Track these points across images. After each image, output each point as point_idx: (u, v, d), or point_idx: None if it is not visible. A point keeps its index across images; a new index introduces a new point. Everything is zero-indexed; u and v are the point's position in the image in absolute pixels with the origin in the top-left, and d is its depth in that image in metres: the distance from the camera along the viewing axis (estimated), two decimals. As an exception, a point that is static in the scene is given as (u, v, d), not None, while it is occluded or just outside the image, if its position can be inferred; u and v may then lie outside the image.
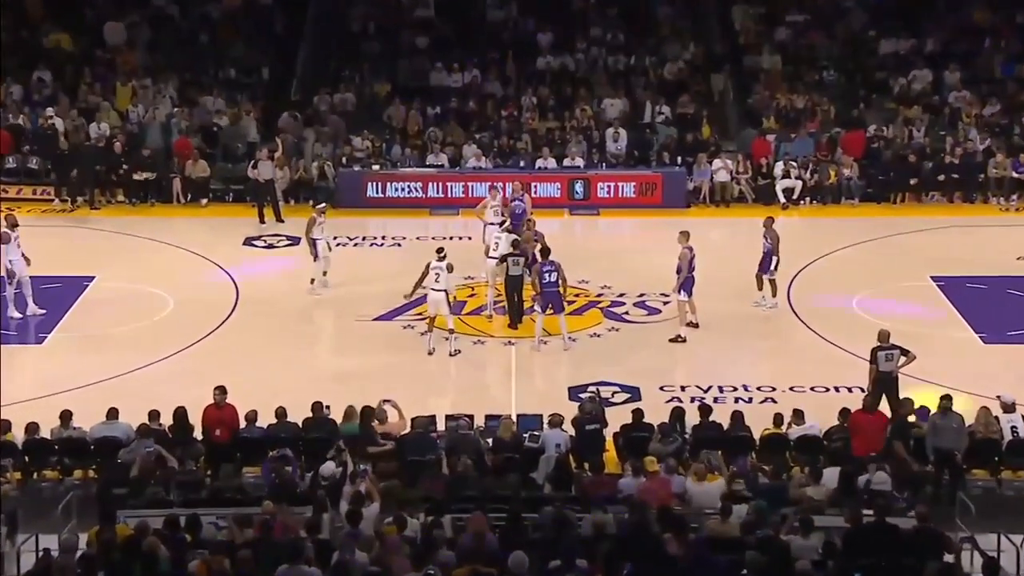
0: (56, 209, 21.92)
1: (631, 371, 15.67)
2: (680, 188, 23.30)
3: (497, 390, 15.22)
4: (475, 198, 22.61)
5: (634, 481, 11.57)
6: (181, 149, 23.12)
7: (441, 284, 16.11)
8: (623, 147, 24.39)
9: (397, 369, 15.90)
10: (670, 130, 24.71)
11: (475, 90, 26.06)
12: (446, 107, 25.39)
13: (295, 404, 13.17)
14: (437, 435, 12.84)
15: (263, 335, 16.82)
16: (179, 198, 22.64)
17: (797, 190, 23.42)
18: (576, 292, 18.32)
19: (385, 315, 17.44)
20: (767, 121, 25.03)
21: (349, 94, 25.51)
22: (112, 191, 22.48)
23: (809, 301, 18.16)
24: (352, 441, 12.60)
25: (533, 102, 25.44)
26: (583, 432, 12.84)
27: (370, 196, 22.78)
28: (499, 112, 25.40)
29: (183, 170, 22.71)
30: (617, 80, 26.30)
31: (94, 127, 23.27)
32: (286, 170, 22.83)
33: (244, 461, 12.61)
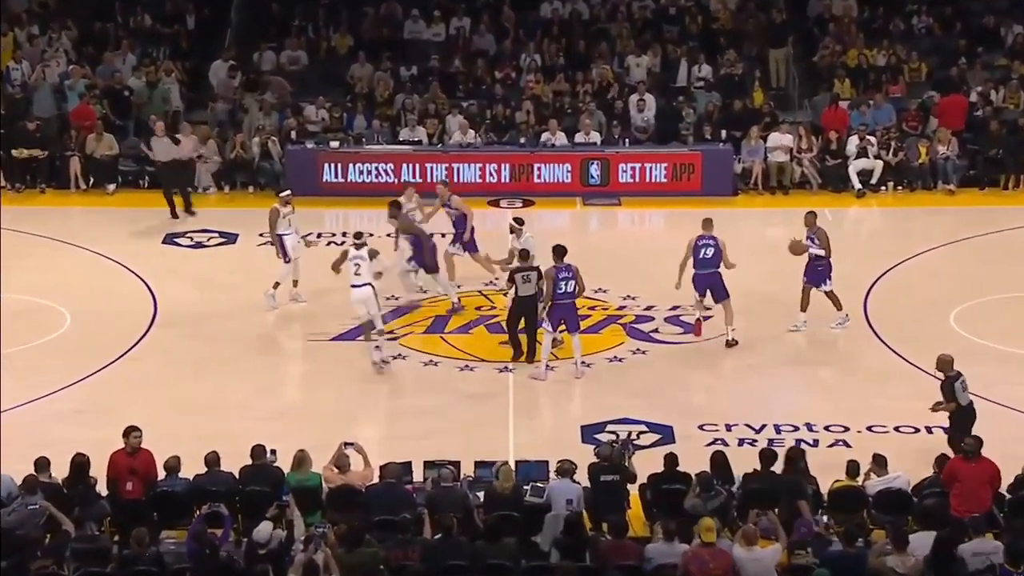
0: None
1: (662, 405, 15.68)
2: (725, 170, 23.34)
3: (490, 429, 15.21)
4: (461, 184, 22.69)
5: (667, 547, 11.54)
6: (80, 119, 23.12)
7: (364, 278, 16.37)
8: (651, 118, 24.44)
9: (362, 402, 15.88)
10: (712, 96, 24.76)
11: (461, 45, 26.12)
12: (424, 67, 25.45)
13: (230, 449, 13.13)
14: (413, 487, 12.83)
15: (188, 360, 16.81)
16: (78, 182, 22.67)
17: (876, 172, 23.47)
18: (591, 304, 18.34)
19: (345, 334, 17.44)
20: (838, 84, 25.11)
21: (300, 51, 25.54)
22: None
23: (892, 316, 18.16)
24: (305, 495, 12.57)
25: (536, 61, 25.49)
26: (600, 484, 12.82)
27: (326, 181, 22.83)
28: (492, 74, 25.45)
29: (83, 147, 22.70)
30: (644, 31, 26.36)
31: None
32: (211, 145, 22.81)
33: (163, 523, 12.56)
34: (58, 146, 22.77)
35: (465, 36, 26.32)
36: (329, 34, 26.27)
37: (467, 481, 13.00)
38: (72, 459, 12.76)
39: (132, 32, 25.75)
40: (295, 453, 13.00)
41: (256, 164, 23.07)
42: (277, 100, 24.15)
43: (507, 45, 26.22)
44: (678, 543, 11.62)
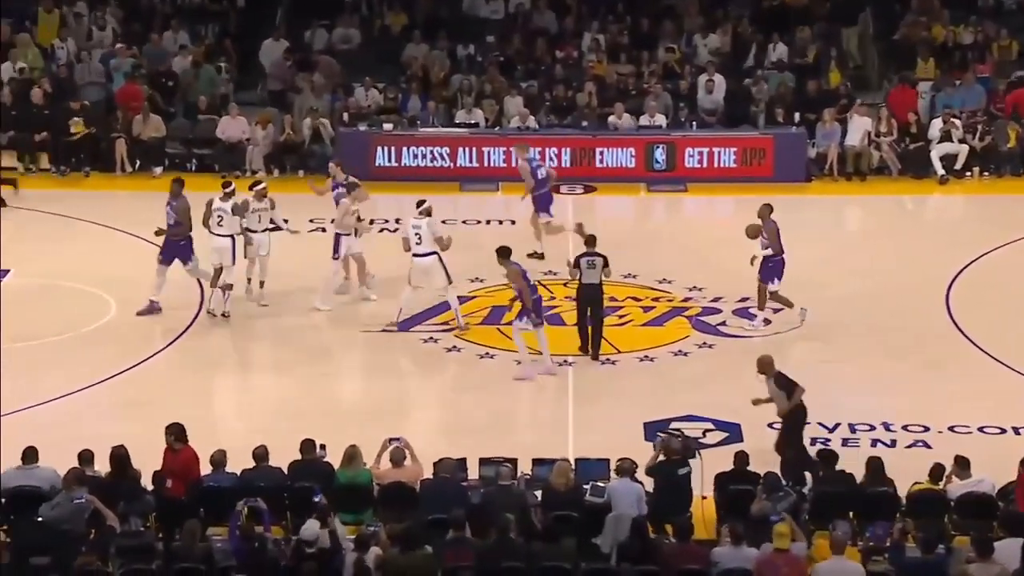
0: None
1: (729, 402, 15.52)
2: (798, 155, 23.11)
3: (549, 425, 15.15)
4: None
5: (735, 552, 11.43)
6: (126, 100, 23.30)
7: (225, 229, 16.94)
8: (720, 100, 24.23)
9: (415, 395, 15.90)
10: (785, 76, 24.50)
11: (521, 24, 26.04)
12: (482, 47, 25.38)
13: (278, 443, 13.16)
14: (468, 485, 12.79)
15: (236, 350, 16.88)
16: (124, 165, 22.80)
17: (961, 157, 23.15)
18: (655, 296, 18.22)
19: (400, 324, 17.43)
20: (921, 63, 24.75)
21: (353, 30, 25.59)
22: (33, 156, 22.69)
23: (976, 310, 17.89)
24: (355, 492, 12.58)
25: (599, 40, 25.35)
26: (665, 483, 12.71)
27: (379, 165, 22.84)
28: (553, 53, 25.35)
29: (129, 128, 22.87)
30: (714, 9, 26.15)
31: (7, 67, 23.51)
32: (269, 128, 22.95)
33: (208, 519, 12.62)
34: (104, 128, 22.94)
35: (525, 14, 26.23)
36: (383, 12, 26.28)
37: (524, 479, 12.95)
38: (112, 452, 12.85)
39: (179, 10, 25.91)
40: (346, 449, 13.02)
41: (307, 147, 23.13)
42: (327, 81, 24.20)
43: (569, 23, 26.10)
44: (746, 547, 11.50)
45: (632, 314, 17.99)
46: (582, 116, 23.80)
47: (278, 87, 24.36)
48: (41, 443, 13.09)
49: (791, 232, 20.01)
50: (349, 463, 12.95)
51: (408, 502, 12.65)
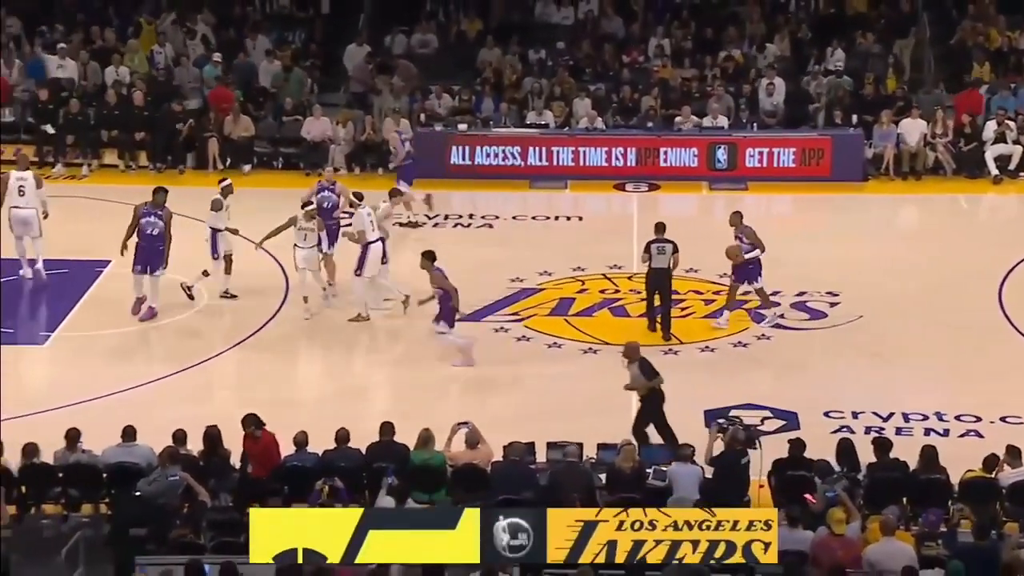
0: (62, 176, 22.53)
1: (786, 391, 15.45)
2: (856, 155, 22.87)
3: (613, 412, 15.12)
4: (588, 167, 22.64)
5: (789, 534, 11.37)
6: (218, 102, 23.54)
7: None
8: (780, 102, 24.05)
9: (485, 382, 15.93)
10: (843, 80, 24.26)
11: (590, 29, 25.98)
12: (553, 51, 25.37)
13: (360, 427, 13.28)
14: (536, 467, 12.82)
15: (318, 337, 17.03)
16: (216, 163, 23.06)
17: (1015, 158, 22.80)
18: (715, 289, 18.13)
19: (471, 315, 17.50)
20: (977, 67, 24.39)
21: (431, 35, 25.68)
22: (133, 154, 23.00)
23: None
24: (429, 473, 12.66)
25: (664, 45, 25.24)
26: (725, 469, 12.67)
27: (454, 163, 22.90)
28: (620, 58, 25.28)
29: (221, 128, 23.12)
30: (775, 15, 25.95)
31: (110, 71, 23.86)
32: (350, 128, 23.09)
33: (292, 497, 12.75)
34: (198, 128, 23.21)
35: (594, 20, 26.18)
36: (459, 18, 26.34)
37: (590, 461, 12.97)
38: (205, 431, 13.03)
39: (268, 17, 26.14)
40: (420, 432, 13.09)
41: (386, 146, 23.23)
42: (406, 83, 24.30)
43: (635, 29, 26.00)
44: (801, 529, 11.44)
45: (694, 306, 17.92)
46: (647, 118, 23.71)
47: (360, 89, 24.51)
48: (140, 422, 13.32)
49: (848, 230, 19.95)
50: (423, 445, 13.02)
51: (480, 483, 12.71)
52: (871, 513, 11.93)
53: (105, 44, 24.68)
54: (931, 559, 11.17)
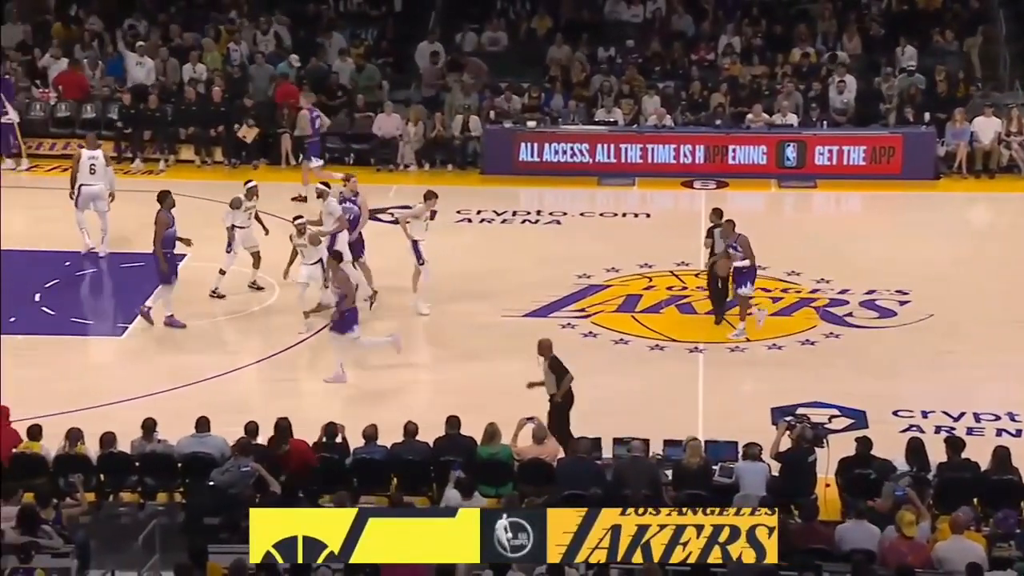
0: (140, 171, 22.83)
1: (855, 390, 15.29)
2: (927, 153, 22.58)
3: (680, 408, 15.08)
4: (656, 164, 22.56)
5: (856, 526, 11.29)
6: (286, 99, 23.72)
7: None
8: (851, 100, 23.78)
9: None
10: (916, 78, 23.94)
11: (660, 27, 25.86)
12: (622, 49, 25.29)
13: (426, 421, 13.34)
14: (603, 463, 12.80)
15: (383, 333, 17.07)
16: (288, 159, 23.25)
17: (1091, 157, 22.39)
18: (783, 287, 18.00)
19: (538, 311, 17.50)
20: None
21: (501, 33, 25.71)
22: (209, 149, 23.26)
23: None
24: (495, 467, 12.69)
25: (734, 43, 25.07)
26: (792, 466, 12.57)
27: (523, 160, 22.92)
28: (689, 55, 25.15)
29: (293, 125, 23.32)
30: (847, 13, 25.66)
31: (188, 68, 24.14)
32: (420, 125, 23.18)
33: (362, 488, 12.83)
34: (271, 124, 23.42)
35: (663, 17, 26.05)
36: (529, 16, 26.35)
37: (656, 457, 12.92)
38: (276, 423, 13.15)
39: (342, 16, 26.31)
40: (486, 426, 13.12)
41: (456, 143, 23.31)
42: (476, 80, 24.35)
43: (705, 27, 25.85)
44: (867, 523, 11.33)
45: (761, 304, 17.78)
46: (715, 115, 23.56)
47: (430, 87, 24.60)
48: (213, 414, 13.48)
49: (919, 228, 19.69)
50: (490, 440, 13.05)
51: (546, 478, 12.71)
52: (941, 514, 11.78)
53: (183, 43, 24.98)
54: (1003, 560, 11.00)
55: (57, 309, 17.52)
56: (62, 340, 16.96)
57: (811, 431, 12.82)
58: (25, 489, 12.10)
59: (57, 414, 14.43)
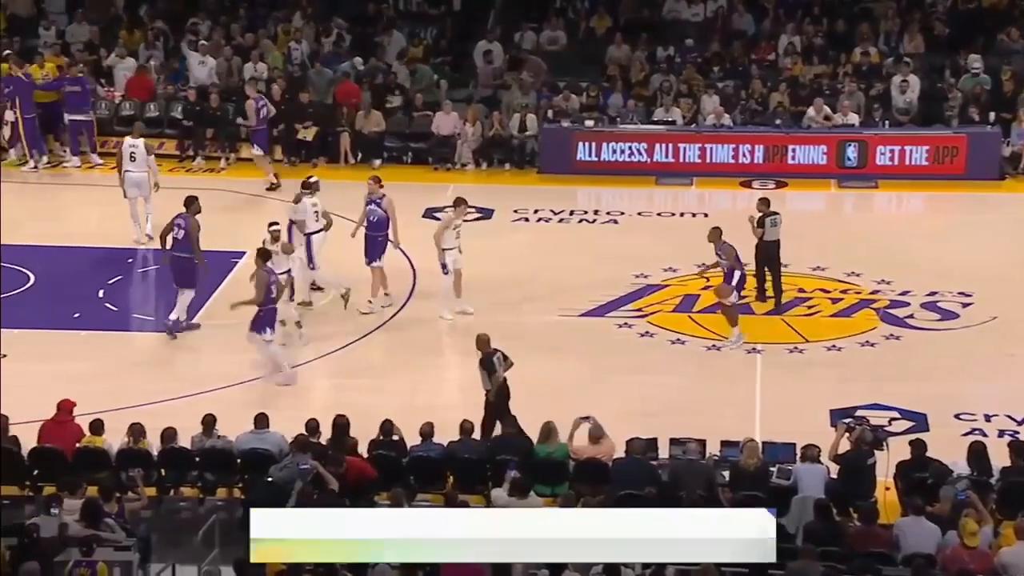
0: (201, 168, 23.05)
1: (915, 392, 15.14)
2: (992, 154, 22.29)
3: (737, 409, 15.00)
4: (714, 164, 22.45)
5: (914, 522, 11.19)
6: (346, 97, 23.84)
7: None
8: (914, 100, 23.51)
9: (608, 377, 15.91)
10: (981, 78, 23.62)
11: (720, 26, 25.73)
12: (682, 48, 25.20)
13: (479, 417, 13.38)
14: (658, 463, 12.77)
15: (443, 331, 17.15)
16: (347, 157, 23.39)
17: None
18: (843, 288, 17.85)
19: (595, 310, 17.49)
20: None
21: (560, 32, 25.70)
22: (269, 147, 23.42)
23: None
24: (551, 466, 12.69)
25: (795, 42, 24.88)
26: (851, 469, 12.47)
27: (580, 160, 22.88)
28: (749, 55, 25.00)
29: (353, 123, 23.44)
30: (911, 11, 25.38)
31: (248, 67, 24.36)
32: (478, 126, 23.23)
33: (418, 486, 12.89)
34: (330, 122, 23.57)
35: (724, 16, 25.91)
36: (589, 15, 26.32)
37: (712, 459, 12.88)
38: (333, 420, 13.25)
39: (401, 15, 26.42)
40: (543, 425, 13.13)
41: (513, 142, 23.33)
42: (535, 79, 24.36)
43: (766, 26, 25.68)
44: (926, 520, 11.22)
45: (820, 305, 17.66)
46: (775, 115, 23.40)
47: (488, 85, 24.64)
48: (272, 410, 13.61)
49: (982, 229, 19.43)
50: (546, 438, 13.07)
51: (602, 478, 12.71)
52: (1004, 519, 11.64)
53: (244, 42, 25.21)
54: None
55: (120, 305, 17.74)
56: (124, 336, 17.18)
57: (870, 433, 12.72)
58: (88, 483, 12.29)
59: (119, 409, 14.65)
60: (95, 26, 25.43)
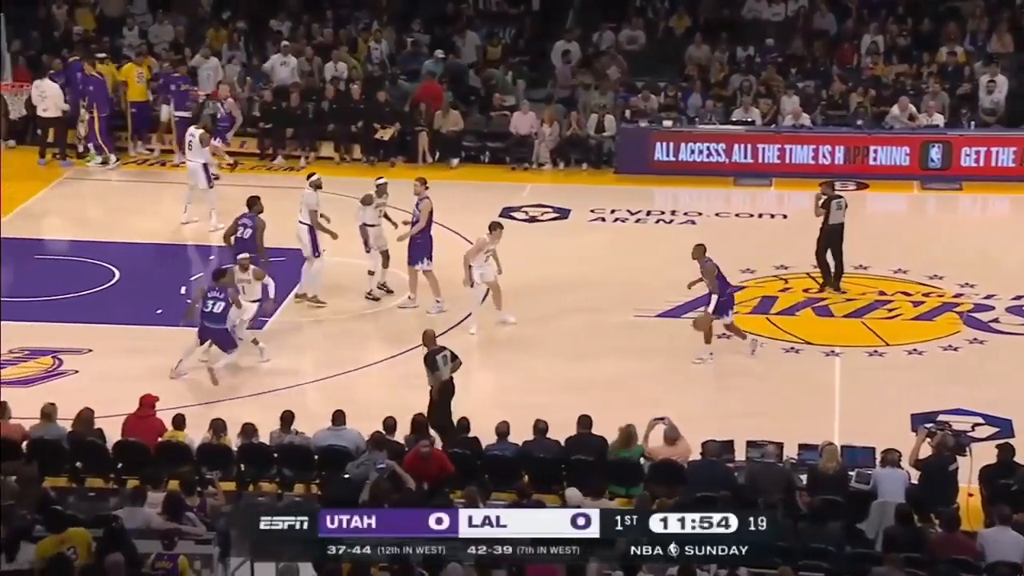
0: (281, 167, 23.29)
1: (1001, 398, 14.88)
2: (1081, 155, 21.85)
3: (815, 412, 14.86)
4: (794, 165, 22.24)
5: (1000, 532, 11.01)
6: (427, 97, 23.96)
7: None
8: (1001, 100, 23.11)
9: (684, 379, 15.84)
10: (1073, 77, 23.17)
11: (802, 26, 25.49)
12: (761, 48, 25.01)
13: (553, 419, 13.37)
14: (734, 465, 12.70)
15: (516, 331, 17.16)
16: (425, 156, 23.50)
17: None
18: (926, 291, 17.61)
19: (671, 311, 17.41)
20: None
21: (639, 31, 25.62)
22: (348, 147, 23.65)
23: None
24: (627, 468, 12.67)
25: (879, 42, 24.57)
26: (932, 474, 12.30)
27: (658, 160, 22.79)
28: (831, 55, 24.74)
29: (431, 122, 23.55)
30: (999, 9, 24.95)
31: (329, 67, 24.58)
32: (555, 126, 23.23)
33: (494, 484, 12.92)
34: (408, 122, 23.70)
35: (805, 16, 25.67)
36: (668, 15, 26.21)
37: (790, 463, 12.77)
38: (412, 419, 13.32)
39: (480, 14, 26.51)
40: (622, 429, 13.09)
41: (590, 142, 23.29)
42: (613, 79, 24.31)
43: (848, 26, 25.39)
44: (1011, 530, 11.03)
45: (902, 308, 17.44)
46: (856, 115, 23.13)
47: (567, 85, 24.63)
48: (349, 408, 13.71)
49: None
50: (626, 444, 13.01)
51: (676, 479, 12.65)
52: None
53: (324, 40, 25.45)
54: None
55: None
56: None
57: (953, 439, 12.53)
58: (170, 476, 12.47)
59: (199, 404, 14.87)
60: (179, 26, 25.80)
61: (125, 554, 10.43)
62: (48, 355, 16.18)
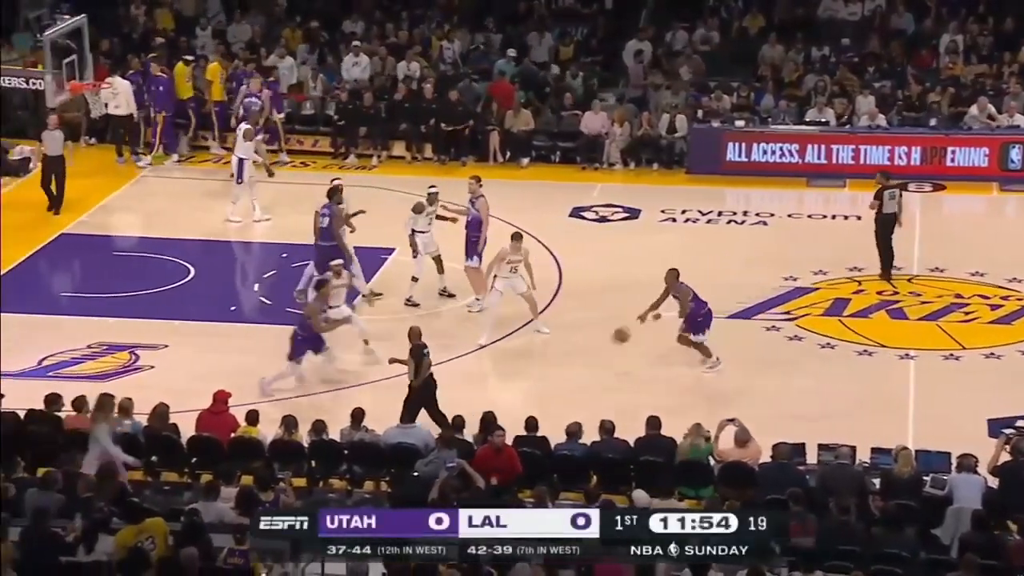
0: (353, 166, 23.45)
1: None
2: None
3: (888, 415, 14.69)
4: (868, 166, 22.00)
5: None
6: (499, 95, 23.99)
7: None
8: (1087, 100, 22.69)
9: (755, 380, 15.73)
10: None
11: (879, 25, 25.19)
12: (836, 47, 24.75)
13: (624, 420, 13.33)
14: (805, 468, 12.59)
15: (588, 330, 17.12)
16: (496, 155, 23.55)
17: None
18: (1004, 294, 17.34)
19: (743, 312, 17.30)
20: None
21: (713, 31, 25.47)
22: (419, 145, 23.75)
23: None
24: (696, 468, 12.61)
25: (958, 41, 24.20)
26: (1010, 480, 12.11)
27: (730, 160, 22.65)
28: (908, 55, 24.42)
29: (503, 122, 23.59)
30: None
31: (402, 66, 24.70)
32: (626, 126, 23.17)
33: (563, 484, 12.93)
34: (480, 121, 23.76)
35: (882, 15, 25.37)
36: (742, 14, 26.04)
37: (863, 466, 12.63)
38: (482, 417, 13.34)
39: (553, 13, 26.50)
40: (690, 427, 13.05)
41: (662, 142, 23.20)
42: (686, 79, 24.19)
43: (927, 25, 25.05)
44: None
45: (979, 311, 17.19)
46: (932, 115, 22.81)
47: (639, 85, 24.56)
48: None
49: None
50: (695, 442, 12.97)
51: (747, 482, 12.57)
52: None
53: (398, 40, 25.59)
54: None
55: (274, 299, 18.19)
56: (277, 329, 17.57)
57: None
58: (243, 472, 12.62)
59: (272, 400, 15.03)
60: (256, 26, 26.08)
61: (201, 547, 10.55)
62: (125, 350, 16.45)
